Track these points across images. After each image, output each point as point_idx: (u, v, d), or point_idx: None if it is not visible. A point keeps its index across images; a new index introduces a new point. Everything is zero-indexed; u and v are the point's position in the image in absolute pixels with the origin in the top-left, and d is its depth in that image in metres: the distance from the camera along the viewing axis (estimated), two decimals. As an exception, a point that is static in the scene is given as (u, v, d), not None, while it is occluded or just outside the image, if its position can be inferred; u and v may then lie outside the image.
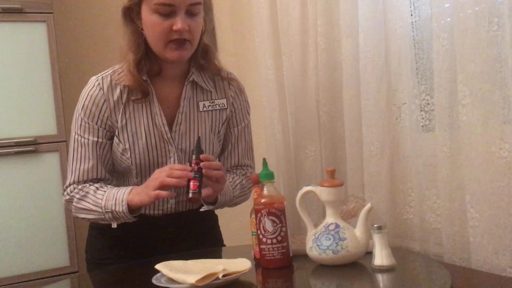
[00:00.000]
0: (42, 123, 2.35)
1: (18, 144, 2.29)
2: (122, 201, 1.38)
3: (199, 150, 1.39)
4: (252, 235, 1.31)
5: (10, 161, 2.29)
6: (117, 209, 1.39)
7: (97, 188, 1.43)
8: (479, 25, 1.20)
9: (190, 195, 1.32)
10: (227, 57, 1.57)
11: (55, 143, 2.36)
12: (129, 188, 1.41)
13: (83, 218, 1.46)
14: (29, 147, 2.31)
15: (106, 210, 1.40)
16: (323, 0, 1.69)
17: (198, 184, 1.33)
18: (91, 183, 1.45)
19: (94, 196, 1.42)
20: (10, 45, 2.31)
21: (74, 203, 1.45)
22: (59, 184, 2.35)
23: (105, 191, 1.42)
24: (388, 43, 1.49)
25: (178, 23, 1.36)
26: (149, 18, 1.39)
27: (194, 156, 1.37)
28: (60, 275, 2.32)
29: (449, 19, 1.30)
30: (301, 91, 1.83)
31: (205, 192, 1.35)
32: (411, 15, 1.48)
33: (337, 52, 1.69)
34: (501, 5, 1.17)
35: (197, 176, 1.34)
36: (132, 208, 1.39)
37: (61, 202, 2.32)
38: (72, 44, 2.72)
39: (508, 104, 1.19)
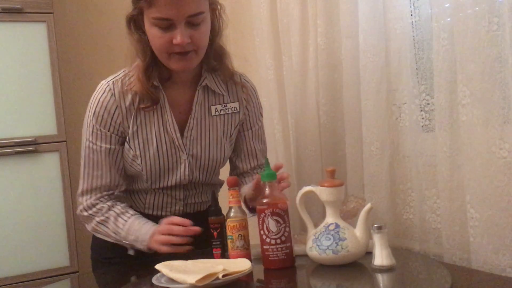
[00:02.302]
0: (42, 123, 2.35)
1: (18, 144, 2.29)
2: (143, 241, 1.39)
3: (216, 210, 1.36)
4: (228, 238, 1.31)
5: (10, 161, 2.29)
6: (137, 246, 1.41)
7: (118, 215, 1.43)
8: (479, 25, 1.20)
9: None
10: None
11: (55, 143, 2.36)
12: (152, 229, 1.39)
13: (95, 234, 1.49)
14: (29, 147, 2.31)
15: (126, 242, 1.42)
16: (323, 0, 1.69)
17: (220, 251, 1.34)
18: (109, 201, 1.45)
19: (115, 224, 1.43)
20: (10, 45, 2.31)
21: (93, 224, 1.46)
22: (59, 184, 2.35)
23: (126, 220, 1.42)
24: (388, 43, 1.49)
25: (178, 36, 1.32)
26: (149, 31, 1.36)
27: (212, 218, 1.35)
28: (60, 275, 2.32)
29: (449, 19, 1.29)
30: (301, 91, 1.83)
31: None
32: (411, 15, 1.48)
33: (337, 52, 1.69)
34: (501, 5, 1.17)
35: (218, 243, 1.34)
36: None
37: (61, 202, 2.36)
38: (72, 44, 2.72)
39: (508, 104, 1.19)
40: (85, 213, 1.46)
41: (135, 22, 1.40)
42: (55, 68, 2.36)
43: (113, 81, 1.43)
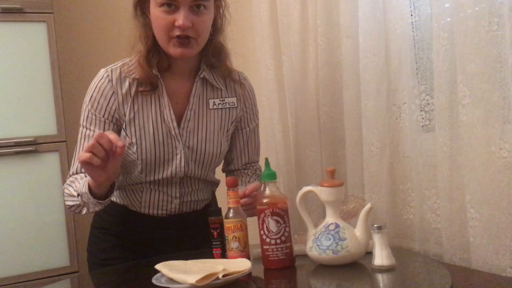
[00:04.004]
0: (42, 123, 2.35)
1: (18, 144, 2.29)
2: (85, 182, 1.34)
3: (216, 210, 1.36)
4: (225, 239, 1.31)
5: (10, 161, 2.29)
6: (82, 191, 1.34)
7: (85, 176, 1.39)
8: (479, 25, 1.20)
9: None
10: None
11: (55, 143, 2.36)
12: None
13: (69, 206, 1.43)
14: (29, 147, 2.31)
15: (78, 193, 1.37)
16: (323, 0, 1.69)
17: (220, 251, 1.33)
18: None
19: (79, 182, 1.39)
20: (10, 45, 2.31)
21: (64, 190, 1.44)
22: (59, 184, 2.35)
23: (86, 176, 1.37)
24: (388, 43, 1.49)
25: (180, 19, 1.34)
26: (153, 13, 1.39)
27: (212, 218, 1.34)
28: (60, 275, 2.32)
29: (449, 19, 1.30)
30: (301, 91, 1.83)
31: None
32: (411, 15, 1.48)
33: (337, 52, 1.69)
34: (501, 5, 1.17)
35: (218, 243, 1.34)
36: (96, 194, 1.33)
37: (61, 202, 2.36)
38: (72, 44, 2.72)
39: (508, 104, 1.19)
40: (63, 186, 1.45)
41: (141, 7, 1.43)
42: (55, 68, 2.36)
43: (111, 68, 1.45)
